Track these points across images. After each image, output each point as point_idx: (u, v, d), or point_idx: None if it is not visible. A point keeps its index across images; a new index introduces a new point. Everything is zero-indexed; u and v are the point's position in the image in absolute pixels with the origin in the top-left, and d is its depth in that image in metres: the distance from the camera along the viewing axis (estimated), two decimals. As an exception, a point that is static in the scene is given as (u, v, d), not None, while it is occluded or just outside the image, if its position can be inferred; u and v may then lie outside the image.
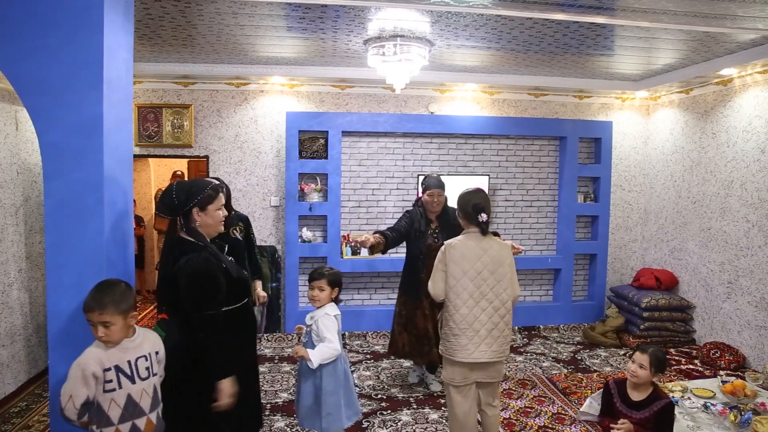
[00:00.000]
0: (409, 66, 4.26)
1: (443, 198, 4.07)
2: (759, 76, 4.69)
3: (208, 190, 2.40)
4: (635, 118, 6.36)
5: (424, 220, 4.11)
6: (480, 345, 2.93)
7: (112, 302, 2.06)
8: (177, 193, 2.37)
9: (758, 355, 4.68)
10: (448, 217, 4.04)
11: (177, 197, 2.36)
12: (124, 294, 2.12)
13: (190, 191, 2.38)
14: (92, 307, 2.05)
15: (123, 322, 2.09)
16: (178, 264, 2.28)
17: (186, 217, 2.37)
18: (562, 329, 6.03)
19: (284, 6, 3.44)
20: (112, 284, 2.15)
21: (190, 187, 2.41)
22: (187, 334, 2.30)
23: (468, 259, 2.94)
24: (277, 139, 5.74)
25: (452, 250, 2.96)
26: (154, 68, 5.16)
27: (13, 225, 4.18)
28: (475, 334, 2.92)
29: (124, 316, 2.10)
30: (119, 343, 2.11)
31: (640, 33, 3.96)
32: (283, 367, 4.77)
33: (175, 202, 2.36)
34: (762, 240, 4.67)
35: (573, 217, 6.08)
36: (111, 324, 2.06)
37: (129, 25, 2.64)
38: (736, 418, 3.26)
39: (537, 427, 3.68)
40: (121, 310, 2.08)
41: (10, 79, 2.32)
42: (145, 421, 2.14)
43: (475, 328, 2.92)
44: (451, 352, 2.97)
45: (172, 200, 2.36)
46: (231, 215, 3.65)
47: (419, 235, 4.08)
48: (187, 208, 2.36)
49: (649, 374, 2.68)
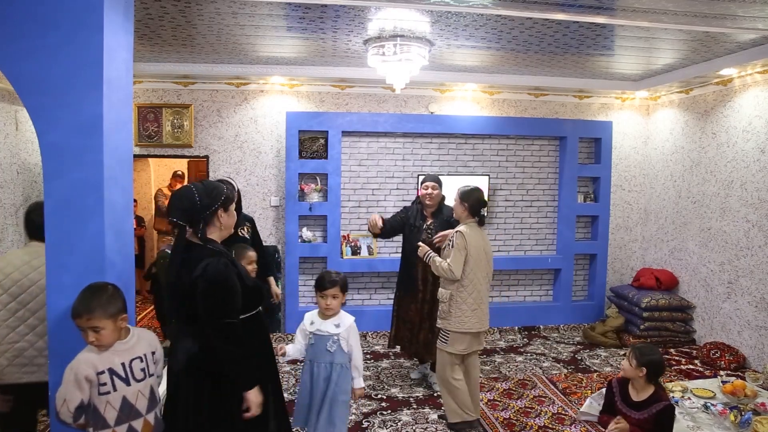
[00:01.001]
0: (409, 66, 4.26)
1: (437, 192, 4.13)
2: (759, 76, 4.69)
3: (227, 190, 2.32)
4: (635, 118, 6.36)
5: (420, 216, 4.20)
6: (485, 316, 3.52)
7: (100, 306, 2.02)
8: (200, 196, 2.21)
9: (758, 355, 4.68)
10: (443, 215, 4.13)
11: (201, 200, 2.21)
12: (111, 297, 2.08)
13: (212, 193, 2.25)
14: (80, 313, 2.02)
15: (113, 325, 2.06)
16: (195, 272, 2.13)
17: (207, 220, 2.24)
18: (562, 329, 6.03)
19: (284, 6, 3.44)
20: (99, 288, 2.10)
21: (212, 189, 2.28)
22: (206, 343, 2.16)
23: (479, 244, 3.46)
24: (277, 139, 5.74)
25: (469, 236, 3.42)
26: (154, 68, 5.16)
27: (13, 225, 4.18)
28: (485, 307, 3.51)
29: (114, 319, 2.06)
30: (112, 346, 2.09)
31: (640, 33, 3.96)
32: (283, 367, 4.77)
33: (198, 206, 2.20)
34: (762, 240, 4.67)
35: (573, 217, 6.08)
36: (101, 329, 2.03)
37: (129, 25, 2.64)
38: (736, 418, 3.26)
39: (537, 427, 3.68)
40: (110, 314, 2.04)
41: (10, 79, 2.32)
42: (142, 423, 2.13)
43: (485, 302, 3.51)
44: (462, 325, 3.43)
45: (194, 203, 2.20)
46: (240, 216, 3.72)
47: (414, 230, 4.16)
48: (210, 210, 2.23)
49: (632, 367, 2.75)
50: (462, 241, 3.39)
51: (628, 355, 2.84)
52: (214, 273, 2.12)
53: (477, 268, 3.43)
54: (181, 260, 2.19)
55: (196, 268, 2.13)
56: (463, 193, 3.54)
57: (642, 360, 2.74)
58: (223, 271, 2.14)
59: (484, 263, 3.48)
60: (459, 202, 3.54)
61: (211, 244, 2.25)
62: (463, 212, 3.54)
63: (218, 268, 2.14)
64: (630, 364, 2.78)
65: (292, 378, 4.54)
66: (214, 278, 2.12)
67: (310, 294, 5.87)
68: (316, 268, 5.82)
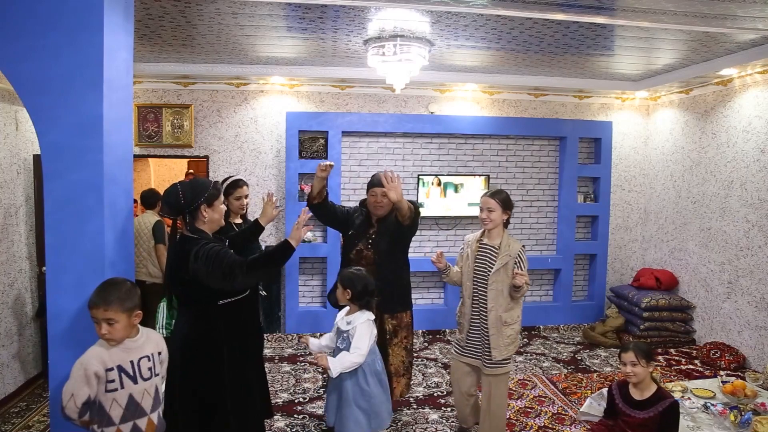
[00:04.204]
0: (409, 66, 4.26)
1: (386, 201, 3.33)
2: (759, 76, 4.69)
3: (211, 188, 2.53)
4: (635, 118, 6.36)
5: (364, 220, 3.50)
6: None
7: (118, 299, 2.07)
8: (183, 192, 2.45)
9: (758, 356, 4.68)
10: (390, 225, 3.41)
11: (184, 196, 2.44)
12: (129, 292, 2.13)
13: (195, 190, 2.47)
14: (97, 303, 2.06)
15: (127, 320, 2.10)
16: (191, 256, 2.35)
17: (193, 215, 2.46)
18: (562, 329, 6.03)
19: (284, 6, 3.44)
20: (117, 282, 2.16)
21: (195, 186, 2.50)
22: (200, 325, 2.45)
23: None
24: (277, 139, 5.74)
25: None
26: (154, 68, 5.16)
27: (13, 225, 4.18)
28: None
29: (129, 314, 2.10)
30: (122, 343, 2.11)
31: (640, 33, 3.96)
32: (283, 367, 4.77)
33: (181, 201, 2.44)
34: (762, 240, 4.67)
35: (573, 217, 6.08)
36: (115, 321, 2.06)
37: (129, 25, 2.64)
38: (736, 418, 3.26)
39: (537, 428, 3.68)
40: (126, 308, 2.09)
41: (10, 79, 2.32)
42: (146, 422, 2.14)
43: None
44: (514, 345, 3.18)
45: (178, 200, 2.44)
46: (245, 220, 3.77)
47: (354, 234, 3.48)
48: (194, 206, 2.44)
49: (643, 368, 2.69)
50: (526, 259, 3.14)
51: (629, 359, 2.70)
52: (207, 248, 2.36)
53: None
54: (175, 253, 2.45)
55: (184, 258, 2.37)
56: (506, 200, 3.16)
57: (650, 356, 2.71)
58: (209, 249, 2.36)
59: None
60: (501, 209, 3.13)
61: (200, 234, 2.46)
62: (502, 220, 3.16)
63: (209, 245, 2.38)
64: (639, 365, 2.67)
65: (292, 378, 4.54)
66: (208, 250, 2.35)
67: (310, 294, 5.88)
68: (316, 268, 5.82)
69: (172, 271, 2.49)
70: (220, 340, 2.47)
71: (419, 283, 5.97)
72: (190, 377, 2.42)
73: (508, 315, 3.09)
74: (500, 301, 3.08)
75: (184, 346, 2.43)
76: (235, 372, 2.52)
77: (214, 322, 2.47)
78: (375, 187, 3.37)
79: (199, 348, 2.44)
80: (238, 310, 2.57)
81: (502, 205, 3.14)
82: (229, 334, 2.51)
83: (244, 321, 2.67)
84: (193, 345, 2.44)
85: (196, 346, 2.44)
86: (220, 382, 2.46)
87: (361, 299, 2.80)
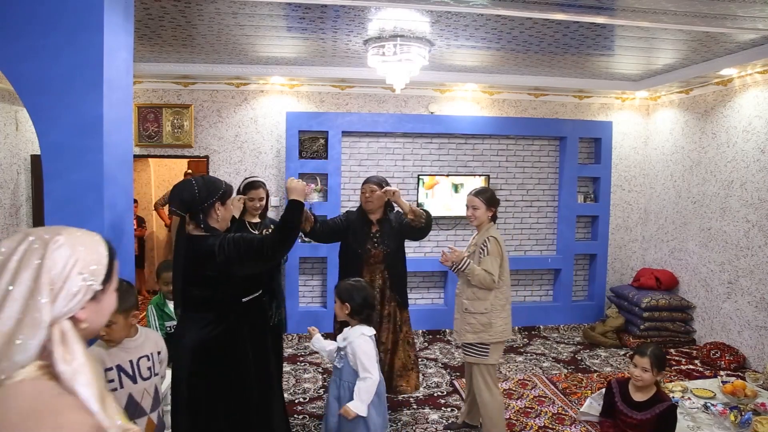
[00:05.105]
0: (409, 66, 4.26)
1: (377, 194, 3.55)
2: (759, 76, 4.69)
3: (224, 186, 2.47)
4: (635, 118, 6.36)
5: (363, 221, 3.64)
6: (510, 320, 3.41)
7: None
8: (199, 188, 2.36)
9: (758, 356, 4.68)
10: (391, 223, 3.63)
11: (199, 192, 2.35)
12: (125, 293, 2.10)
13: (210, 187, 2.40)
14: None
15: (124, 321, 2.09)
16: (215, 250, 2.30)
17: (206, 212, 2.38)
18: (562, 329, 6.03)
19: (284, 6, 3.44)
20: None
21: (209, 183, 2.43)
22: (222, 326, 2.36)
23: (503, 247, 3.34)
24: (277, 139, 5.74)
25: (500, 240, 3.31)
26: (154, 68, 5.16)
27: (14, 225, 4.18)
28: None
29: (126, 315, 2.09)
30: (121, 343, 2.11)
31: (640, 33, 3.96)
32: (283, 368, 4.77)
33: (197, 197, 2.35)
34: (762, 240, 4.67)
35: (573, 217, 6.08)
36: (112, 323, 2.05)
37: (129, 26, 2.64)
38: (736, 418, 3.25)
39: (537, 428, 3.68)
40: (122, 309, 2.07)
41: (10, 79, 2.32)
42: (146, 421, 2.14)
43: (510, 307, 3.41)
44: (503, 334, 3.31)
45: (193, 195, 2.35)
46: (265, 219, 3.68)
47: (356, 238, 3.60)
48: (208, 203, 2.37)
49: (653, 375, 2.68)
50: (497, 248, 3.27)
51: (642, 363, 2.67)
52: (230, 242, 2.31)
53: (506, 273, 3.34)
54: (191, 253, 2.34)
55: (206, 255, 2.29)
56: (490, 198, 3.37)
57: (661, 366, 2.69)
58: (231, 238, 2.34)
59: (507, 267, 3.39)
60: (486, 207, 3.34)
61: (213, 232, 2.39)
62: (487, 217, 3.37)
63: (227, 239, 2.33)
64: (648, 371, 2.64)
65: (291, 378, 4.54)
66: (234, 244, 2.31)
67: (310, 294, 5.88)
68: (316, 268, 5.82)
69: (188, 273, 2.36)
70: (243, 339, 2.41)
71: (419, 283, 5.97)
72: (211, 380, 2.33)
73: (471, 304, 3.30)
74: (464, 289, 3.35)
75: (202, 351, 2.32)
76: (260, 370, 2.48)
77: (239, 321, 2.40)
78: (365, 184, 3.63)
79: (223, 349, 2.35)
80: (259, 307, 2.56)
81: (486, 202, 3.34)
82: (253, 332, 2.47)
83: (264, 319, 2.70)
84: (213, 347, 2.33)
85: (216, 348, 2.34)
86: (246, 383, 2.41)
87: (360, 313, 2.64)
